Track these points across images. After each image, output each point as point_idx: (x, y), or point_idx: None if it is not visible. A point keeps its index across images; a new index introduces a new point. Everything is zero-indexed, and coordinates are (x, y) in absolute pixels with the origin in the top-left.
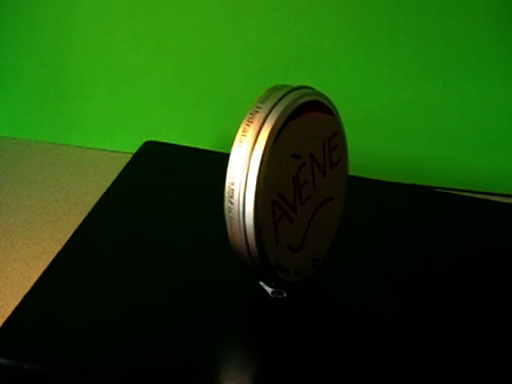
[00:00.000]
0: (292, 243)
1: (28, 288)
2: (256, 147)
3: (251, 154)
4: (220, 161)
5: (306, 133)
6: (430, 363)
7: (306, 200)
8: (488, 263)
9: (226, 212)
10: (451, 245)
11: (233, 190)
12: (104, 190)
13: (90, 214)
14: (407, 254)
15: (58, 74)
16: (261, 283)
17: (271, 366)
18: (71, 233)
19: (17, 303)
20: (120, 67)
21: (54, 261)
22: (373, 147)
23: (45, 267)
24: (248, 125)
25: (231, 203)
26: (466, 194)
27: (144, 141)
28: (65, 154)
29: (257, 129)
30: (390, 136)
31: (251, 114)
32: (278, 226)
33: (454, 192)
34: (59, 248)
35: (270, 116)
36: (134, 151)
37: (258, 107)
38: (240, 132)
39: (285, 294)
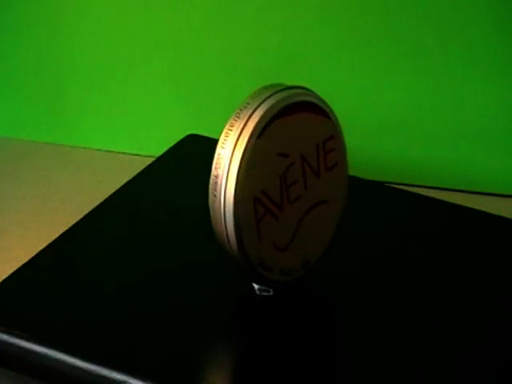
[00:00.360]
0: (278, 242)
1: None
2: (239, 142)
3: (234, 149)
4: None
5: (297, 133)
6: (430, 363)
7: (296, 200)
8: (486, 264)
9: (210, 204)
10: (450, 246)
11: (216, 183)
12: (103, 190)
13: (106, 200)
14: (406, 254)
15: (57, 74)
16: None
17: (266, 366)
18: None
19: None
20: (119, 67)
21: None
22: (370, 148)
23: None
24: (235, 120)
25: (214, 196)
26: (465, 194)
27: (142, 141)
28: (63, 154)
29: (243, 123)
30: (388, 136)
31: (240, 109)
32: (260, 222)
33: (453, 192)
34: None
35: (257, 112)
36: (134, 151)
37: (247, 103)
38: (227, 126)
39: (271, 292)
